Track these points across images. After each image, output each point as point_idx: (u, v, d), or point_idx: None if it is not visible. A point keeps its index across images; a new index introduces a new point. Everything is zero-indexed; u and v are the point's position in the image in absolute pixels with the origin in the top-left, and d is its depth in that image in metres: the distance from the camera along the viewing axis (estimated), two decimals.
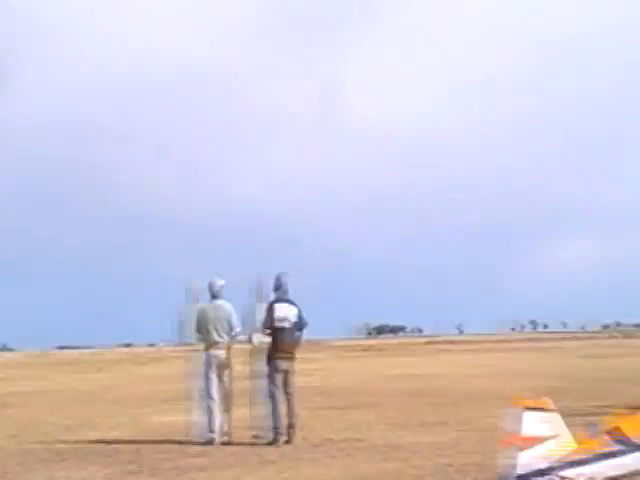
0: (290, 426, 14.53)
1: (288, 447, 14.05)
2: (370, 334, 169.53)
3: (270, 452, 13.55)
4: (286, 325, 14.75)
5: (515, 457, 8.70)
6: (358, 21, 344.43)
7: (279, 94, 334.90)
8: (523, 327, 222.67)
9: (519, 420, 8.84)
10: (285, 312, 14.83)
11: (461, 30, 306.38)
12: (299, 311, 15.06)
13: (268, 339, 14.89)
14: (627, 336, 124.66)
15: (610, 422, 9.38)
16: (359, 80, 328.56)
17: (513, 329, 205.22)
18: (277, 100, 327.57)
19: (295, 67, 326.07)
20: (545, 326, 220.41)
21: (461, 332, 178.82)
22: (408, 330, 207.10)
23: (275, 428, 14.45)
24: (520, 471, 8.64)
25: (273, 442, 14.32)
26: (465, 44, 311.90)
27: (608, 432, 9.10)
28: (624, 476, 8.98)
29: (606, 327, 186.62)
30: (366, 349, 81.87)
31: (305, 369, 35.74)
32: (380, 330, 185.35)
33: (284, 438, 14.41)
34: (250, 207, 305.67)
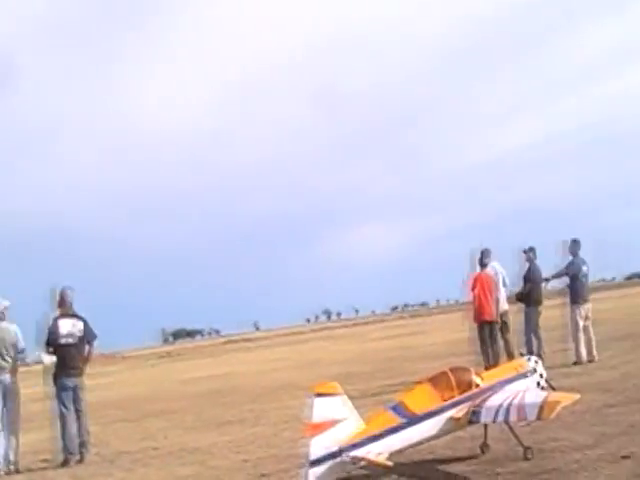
0: (82, 444, 14.03)
1: (80, 467, 13.55)
2: (167, 340, 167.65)
3: (61, 475, 13.07)
4: (71, 341, 14.23)
5: (309, 444, 8.81)
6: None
7: None
8: (317, 317, 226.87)
9: (311, 407, 8.95)
10: (69, 328, 14.31)
11: None
12: (85, 325, 14.55)
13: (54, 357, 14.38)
14: (413, 315, 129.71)
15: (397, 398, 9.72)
16: None
17: (308, 320, 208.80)
18: None
19: None
20: (339, 314, 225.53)
21: (258, 329, 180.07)
22: (205, 332, 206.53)
23: (65, 449, 13.92)
24: (312, 457, 8.72)
25: (64, 464, 13.75)
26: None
27: (393, 407, 9.41)
28: (410, 447, 9.35)
29: (395, 309, 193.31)
30: (163, 356, 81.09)
31: (99, 383, 34.95)
32: (177, 335, 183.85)
33: (76, 458, 13.89)
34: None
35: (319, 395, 8.94)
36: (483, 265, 18.02)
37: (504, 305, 18.35)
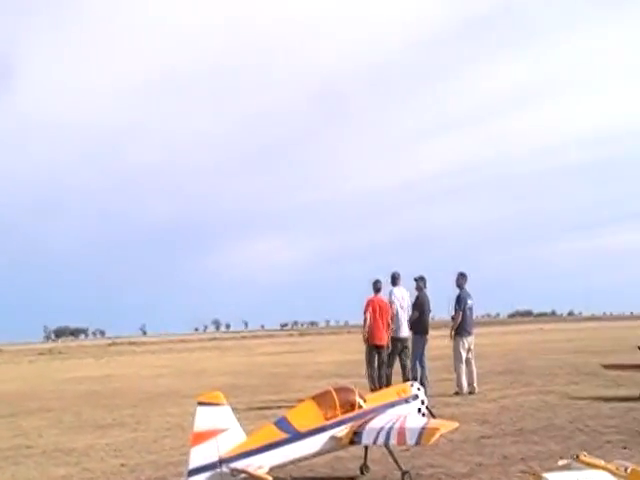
0: None
1: None
2: (49, 337, 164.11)
3: None
4: None
5: (189, 453, 8.79)
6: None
7: None
8: (206, 327, 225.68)
9: (194, 416, 8.94)
10: None
11: None
12: None
13: None
14: (303, 334, 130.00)
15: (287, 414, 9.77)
16: None
17: (196, 329, 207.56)
18: None
19: None
20: (228, 326, 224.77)
21: (145, 333, 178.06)
22: (90, 332, 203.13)
23: None
24: (191, 466, 8.70)
25: None
26: None
27: (277, 422, 9.47)
28: (291, 463, 9.42)
29: (284, 326, 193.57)
30: (43, 353, 79.13)
31: None
32: (60, 333, 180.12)
33: None
34: None
35: (202, 404, 8.93)
36: (377, 290, 18.17)
37: (405, 331, 18.35)
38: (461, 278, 19.21)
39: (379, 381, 16.99)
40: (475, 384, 18.61)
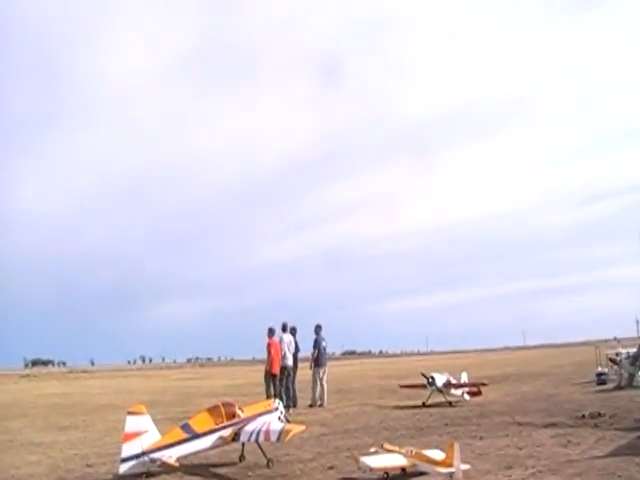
0: None
1: None
2: (27, 365, 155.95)
3: None
4: None
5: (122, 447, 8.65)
6: None
7: None
8: (135, 360, 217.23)
9: (125, 422, 8.77)
10: None
11: None
12: None
13: None
14: (202, 365, 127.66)
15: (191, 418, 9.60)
16: None
17: (129, 362, 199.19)
18: None
19: None
20: (150, 360, 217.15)
21: (93, 364, 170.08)
22: (55, 363, 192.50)
23: None
24: (123, 456, 8.59)
25: None
26: None
27: (182, 426, 9.30)
28: (192, 455, 9.24)
29: (189, 359, 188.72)
30: (23, 376, 74.33)
31: None
32: (35, 362, 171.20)
33: None
34: None
35: (131, 413, 8.89)
36: (271, 334, 17.74)
37: (290, 363, 17.93)
38: (317, 328, 19.32)
39: (280, 398, 16.39)
40: (325, 400, 18.54)
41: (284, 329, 18.32)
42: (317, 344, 18.99)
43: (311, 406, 18.14)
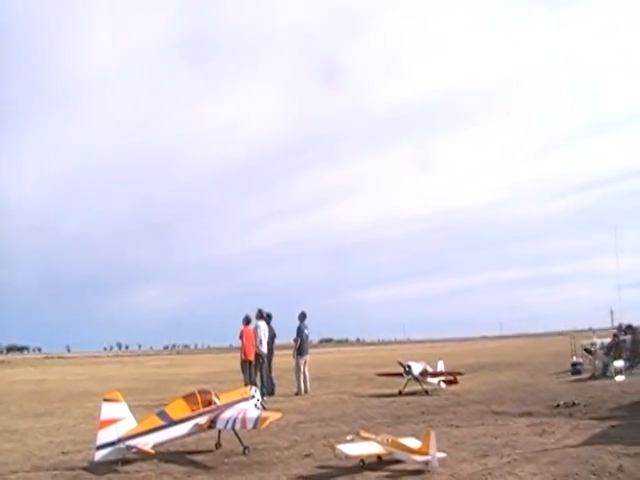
0: None
1: None
2: (2, 352, 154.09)
3: None
4: None
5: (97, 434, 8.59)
6: None
7: None
8: (112, 347, 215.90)
9: (101, 409, 8.71)
10: None
11: None
12: None
13: None
14: (179, 353, 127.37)
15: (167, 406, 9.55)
16: None
17: (105, 348, 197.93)
18: None
19: None
20: (127, 347, 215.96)
21: (69, 350, 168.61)
22: (31, 349, 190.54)
23: None
24: (99, 443, 8.53)
25: None
26: None
27: (158, 413, 9.26)
28: (169, 441, 9.20)
29: (166, 347, 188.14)
30: None
31: None
32: (11, 348, 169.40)
33: None
34: None
35: (106, 400, 8.80)
36: (247, 322, 17.80)
37: (264, 349, 17.82)
38: (302, 315, 19.25)
39: (254, 384, 16.28)
40: (308, 387, 18.56)
41: (259, 316, 18.26)
42: (300, 332, 18.91)
43: (297, 394, 18.11)
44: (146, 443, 8.58)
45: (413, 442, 8.12)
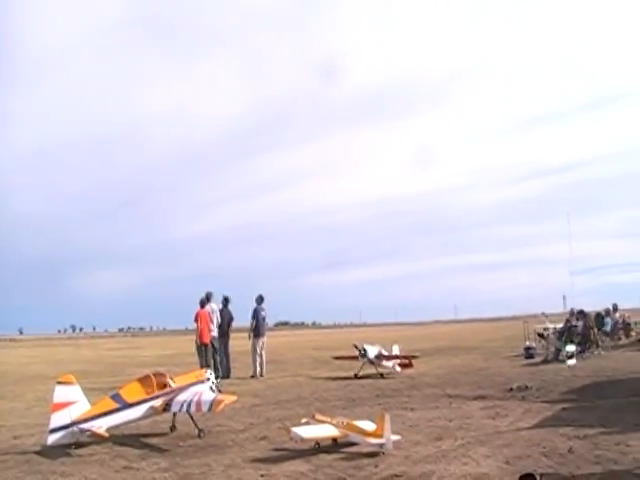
0: None
1: None
2: None
3: None
4: None
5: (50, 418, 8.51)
6: None
7: None
8: (66, 330, 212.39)
9: (54, 392, 8.60)
10: None
11: None
12: None
13: None
14: (134, 335, 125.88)
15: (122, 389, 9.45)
16: None
17: (59, 331, 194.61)
18: None
19: None
20: (81, 329, 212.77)
21: (21, 333, 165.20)
22: None
23: None
24: (51, 426, 8.44)
25: None
26: None
27: (112, 396, 9.15)
28: (123, 425, 9.12)
29: (121, 329, 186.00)
30: None
31: None
32: None
33: None
34: None
35: (60, 383, 8.70)
36: (202, 305, 17.71)
37: (214, 333, 17.72)
38: (259, 298, 19.23)
39: (209, 367, 16.14)
40: (264, 370, 18.58)
41: (208, 299, 18.13)
42: (256, 314, 18.90)
43: (253, 377, 18.11)
44: (100, 426, 8.50)
45: (368, 425, 8.19)
